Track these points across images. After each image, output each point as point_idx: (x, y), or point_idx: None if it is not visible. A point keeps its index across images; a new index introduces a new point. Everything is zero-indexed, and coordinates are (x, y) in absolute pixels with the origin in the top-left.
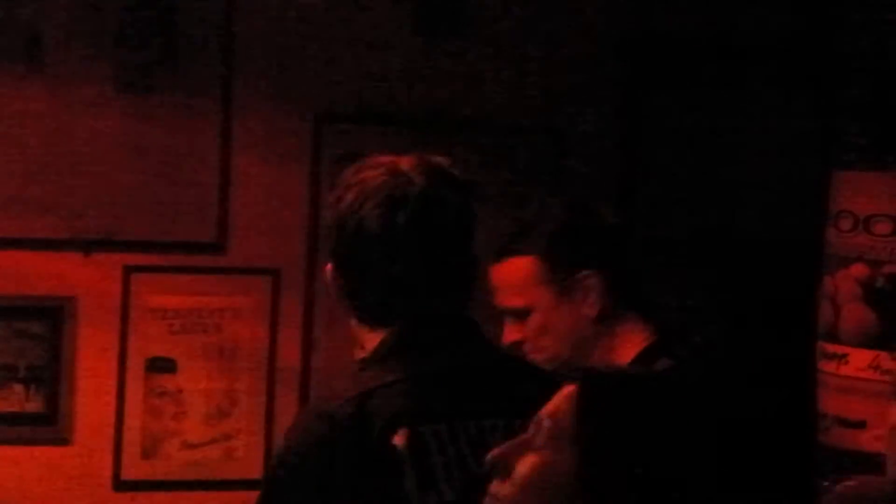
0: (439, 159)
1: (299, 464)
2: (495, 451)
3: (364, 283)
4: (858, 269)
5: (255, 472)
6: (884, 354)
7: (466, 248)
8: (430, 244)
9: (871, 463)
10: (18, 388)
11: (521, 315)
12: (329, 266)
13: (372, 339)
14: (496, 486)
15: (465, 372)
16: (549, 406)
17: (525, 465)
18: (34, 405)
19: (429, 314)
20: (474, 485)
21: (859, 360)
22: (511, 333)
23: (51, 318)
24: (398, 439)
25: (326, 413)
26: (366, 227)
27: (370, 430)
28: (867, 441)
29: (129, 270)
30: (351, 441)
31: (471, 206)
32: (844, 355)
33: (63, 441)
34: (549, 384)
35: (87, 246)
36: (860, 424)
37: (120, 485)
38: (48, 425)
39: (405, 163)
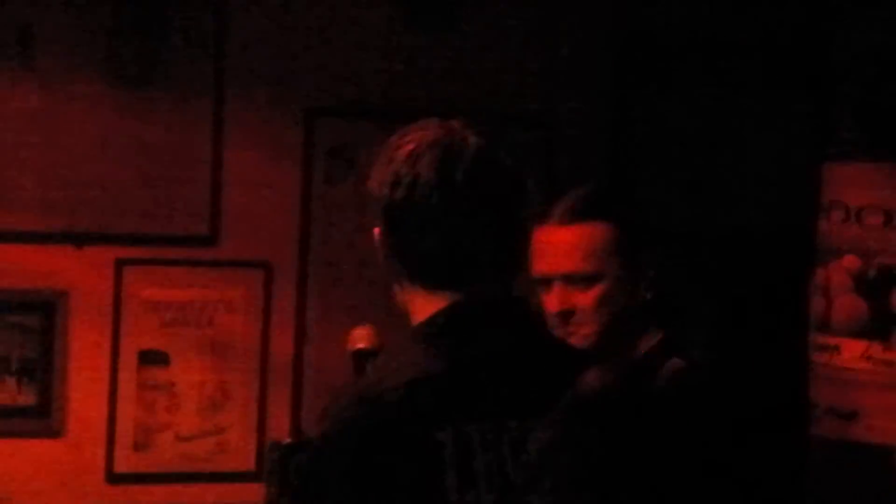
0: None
1: (338, 449)
2: None
3: (420, 238)
4: (850, 261)
5: (248, 464)
6: (876, 345)
7: (519, 214)
8: (486, 201)
9: (862, 453)
10: (11, 381)
11: (586, 282)
12: (377, 229)
13: (422, 307)
14: None
15: (515, 362)
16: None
17: None
18: (27, 398)
19: (481, 290)
20: (511, 489)
21: (851, 351)
22: (566, 301)
23: (43, 311)
24: (443, 436)
25: (371, 399)
26: (423, 178)
27: (415, 422)
28: (859, 432)
29: (121, 264)
30: (395, 431)
31: (523, 172)
32: (837, 346)
33: (56, 434)
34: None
35: (80, 239)
36: (852, 415)
37: (112, 477)
38: (41, 418)
39: (457, 124)
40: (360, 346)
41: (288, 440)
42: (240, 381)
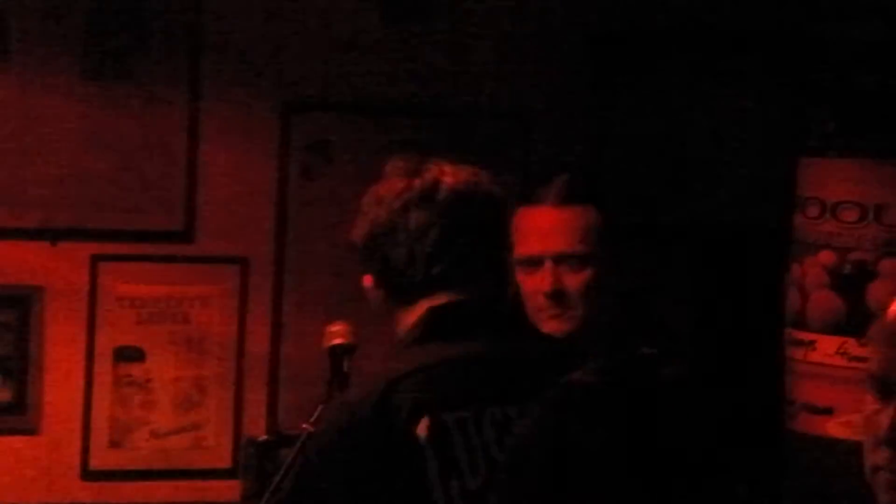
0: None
1: (324, 453)
2: None
3: (400, 262)
4: (826, 256)
5: (224, 460)
6: (851, 341)
7: (498, 238)
8: (462, 229)
9: (837, 448)
10: None
11: (578, 262)
12: (367, 277)
13: (405, 322)
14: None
15: (493, 356)
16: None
17: None
18: (1, 395)
19: (461, 300)
20: (498, 471)
21: (827, 347)
22: (559, 281)
23: (18, 307)
24: (420, 428)
25: (349, 403)
26: (395, 214)
27: (393, 420)
28: (834, 427)
29: (96, 259)
30: (372, 431)
31: (501, 200)
32: (812, 342)
33: (31, 430)
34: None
35: (55, 235)
36: (827, 411)
37: (88, 474)
38: (16, 415)
39: (427, 163)
40: (337, 341)
41: (264, 436)
42: (216, 377)
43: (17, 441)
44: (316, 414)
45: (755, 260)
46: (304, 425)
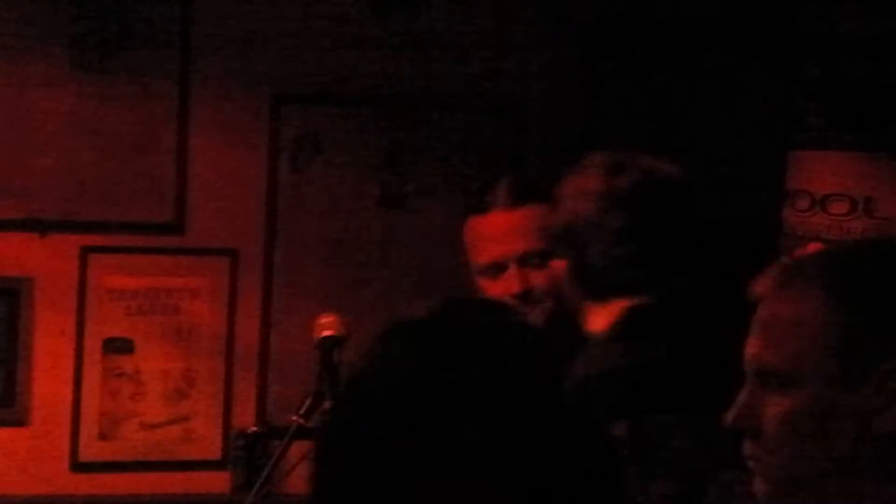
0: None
1: None
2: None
3: (598, 260)
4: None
5: (214, 452)
6: None
7: (684, 222)
8: (662, 231)
9: None
10: None
11: (541, 259)
12: (560, 261)
13: (597, 315)
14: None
15: (693, 362)
16: None
17: None
18: None
19: (658, 301)
20: (697, 479)
21: None
22: (524, 281)
23: (7, 299)
24: (618, 430)
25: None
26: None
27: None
28: None
29: (86, 251)
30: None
31: (687, 184)
32: None
33: (20, 422)
34: None
35: (44, 227)
36: None
37: (77, 466)
38: (5, 406)
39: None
40: (327, 333)
41: (254, 428)
42: (205, 368)
43: (6, 433)
44: (305, 406)
45: (744, 252)
46: (293, 417)
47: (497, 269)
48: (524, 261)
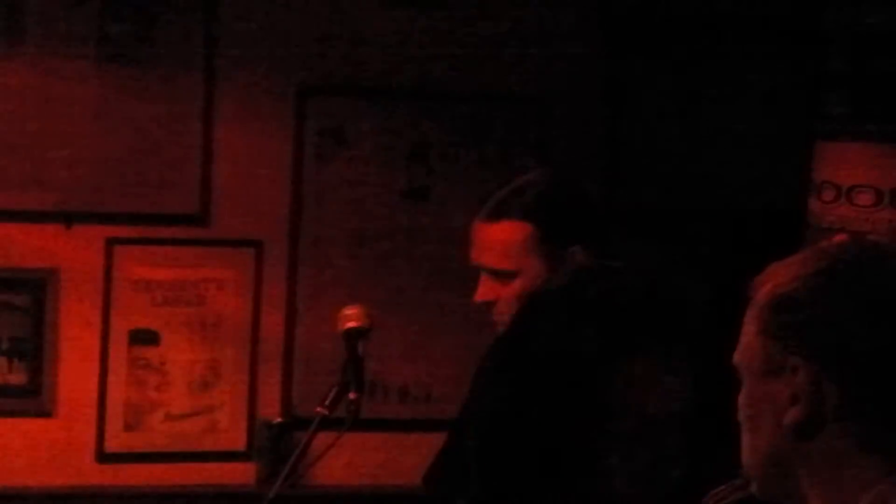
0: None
1: None
2: None
3: None
4: (841, 240)
5: (239, 443)
6: None
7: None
8: None
9: None
10: (1, 360)
11: (504, 277)
12: None
13: None
14: None
15: None
16: None
17: None
18: (17, 377)
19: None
20: None
21: None
22: (487, 293)
23: (33, 290)
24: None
25: None
26: None
27: None
28: None
29: (111, 242)
30: None
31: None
32: None
33: (46, 413)
34: None
35: (70, 218)
36: None
37: (103, 456)
38: (31, 397)
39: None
40: (351, 325)
41: (279, 419)
42: (230, 360)
43: (33, 423)
44: (330, 397)
45: (770, 244)
46: (318, 408)
47: (478, 270)
48: (492, 273)
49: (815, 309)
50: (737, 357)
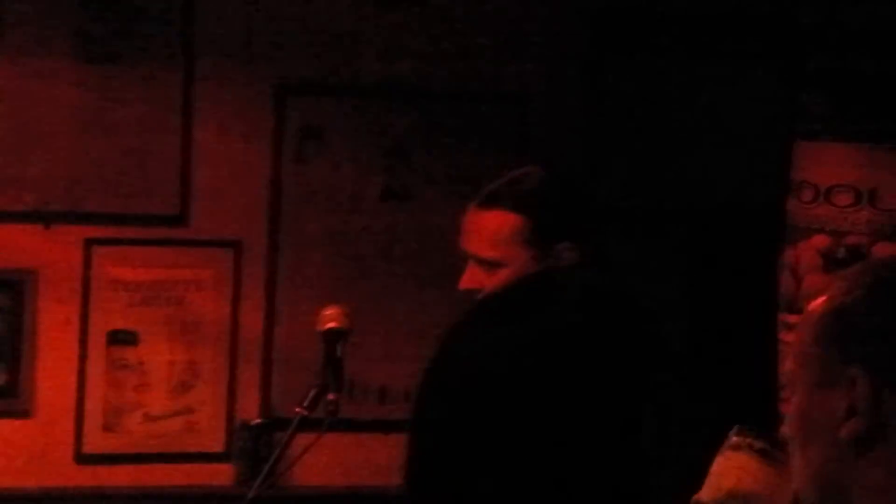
0: None
1: None
2: None
3: None
4: (819, 240)
5: (217, 444)
6: None
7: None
8: None
9: None
10: None
11: (490, 266)
12: None
13: None
14: None
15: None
16: None
17: None
18: None
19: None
20: None
21: None
22: (472, 280)
23: (12, 290)
24: None
25: None
26: None
27: None
28: None
29: (90, 243)
30: None
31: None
32: None
33: (24, 414)
34: None
35: (49, 218)
36: None
37: (81, 458)
38: (9, 398)
39: None
40: (331, 325)
41: (258, 420)
42: (209, 360)
43: (10, 424)
44: (309, 397)
45: (748, 243)
46: (297, 409)
47: (465, 257)
48: (479, 261)
49: (874, 319)
50: (788, 367)
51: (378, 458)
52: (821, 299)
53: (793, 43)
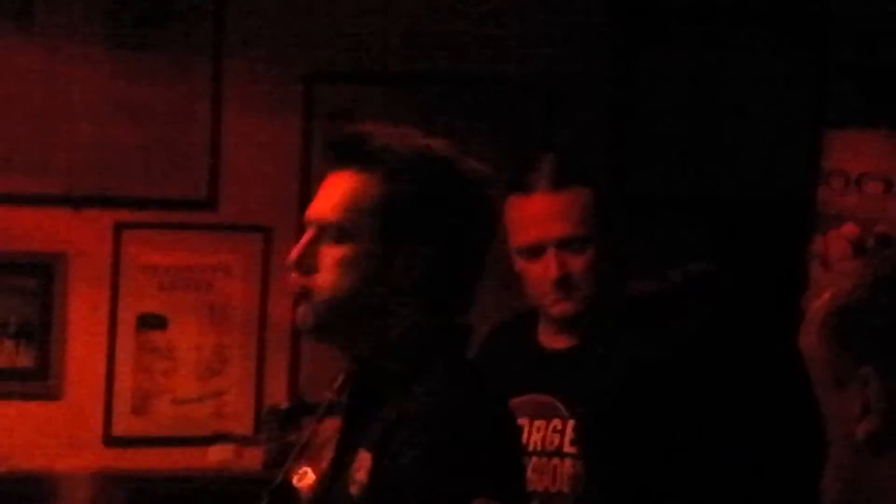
0: None
1: None
2: None
3: None
4: (850, 229)
5: (245, 428)
6: None
7: None
8: None
9: None
10: (9, 343)
11: (580, 245)
12: None
13: None
14: None
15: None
16: None
17: None
18: (25, 360)
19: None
20: None
21: None
22: (563, 266)
23: (42, 274)
24: None
25: None
26: None
27: None
28: None
29: (120, 227)
30: None
31: None
32: None
33: (54, 397)
34: None
35: (79, 202)
36: None
37: (110, 440)
38: (39, 381)
39: None
40: None
41: (286, 404)
42: (238, 344)
43: (40, 407)
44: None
45: (778, 232)
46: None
47: (535, 251)
48: (563, 245)
49: (882, 318)
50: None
51: None
52: (824, 298)
53: (823, 32)
